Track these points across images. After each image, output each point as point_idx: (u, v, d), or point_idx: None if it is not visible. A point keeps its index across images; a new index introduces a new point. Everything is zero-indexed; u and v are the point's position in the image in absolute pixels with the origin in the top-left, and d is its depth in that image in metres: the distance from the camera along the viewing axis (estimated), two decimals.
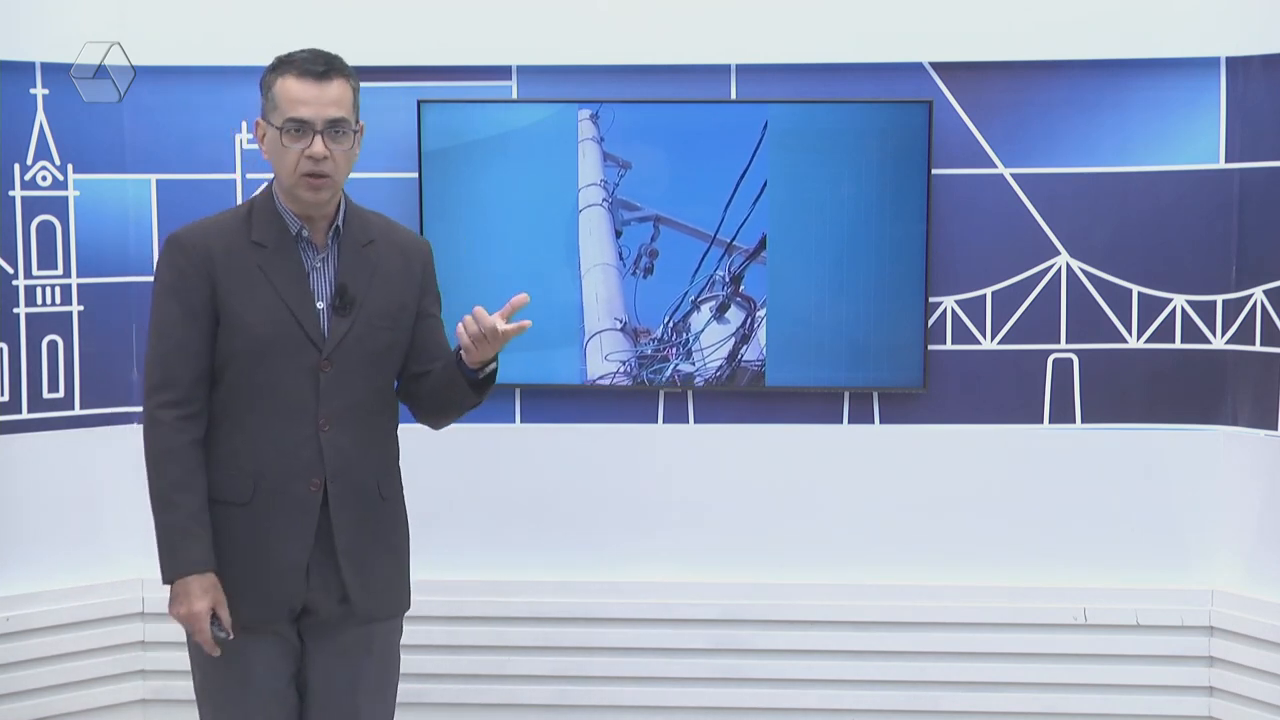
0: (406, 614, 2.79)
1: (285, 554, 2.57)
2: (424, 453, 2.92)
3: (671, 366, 3.93)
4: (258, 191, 2.68)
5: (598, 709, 3.97)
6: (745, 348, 3.91)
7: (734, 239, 3.87)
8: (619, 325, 3.89)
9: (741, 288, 3.90)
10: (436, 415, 2.75)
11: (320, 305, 2.59)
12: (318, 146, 2.53)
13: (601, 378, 3.92)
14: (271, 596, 2.58)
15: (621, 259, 3.89)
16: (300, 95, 2.53)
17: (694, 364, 3.92)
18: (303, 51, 2.58)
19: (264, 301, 2.56)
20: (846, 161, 3.85)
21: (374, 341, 2.62)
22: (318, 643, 2.64)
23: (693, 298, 3.91)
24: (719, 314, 3.91)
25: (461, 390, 2.62)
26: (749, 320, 3.90)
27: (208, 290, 2.56)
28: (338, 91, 2.55)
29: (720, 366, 3.93)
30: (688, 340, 3.92)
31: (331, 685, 2.65)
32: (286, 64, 2.57)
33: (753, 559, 3.98)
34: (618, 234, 3.89)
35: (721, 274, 3.89)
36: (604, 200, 3.87)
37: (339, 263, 2.62)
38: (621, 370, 3.92)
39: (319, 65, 2.55)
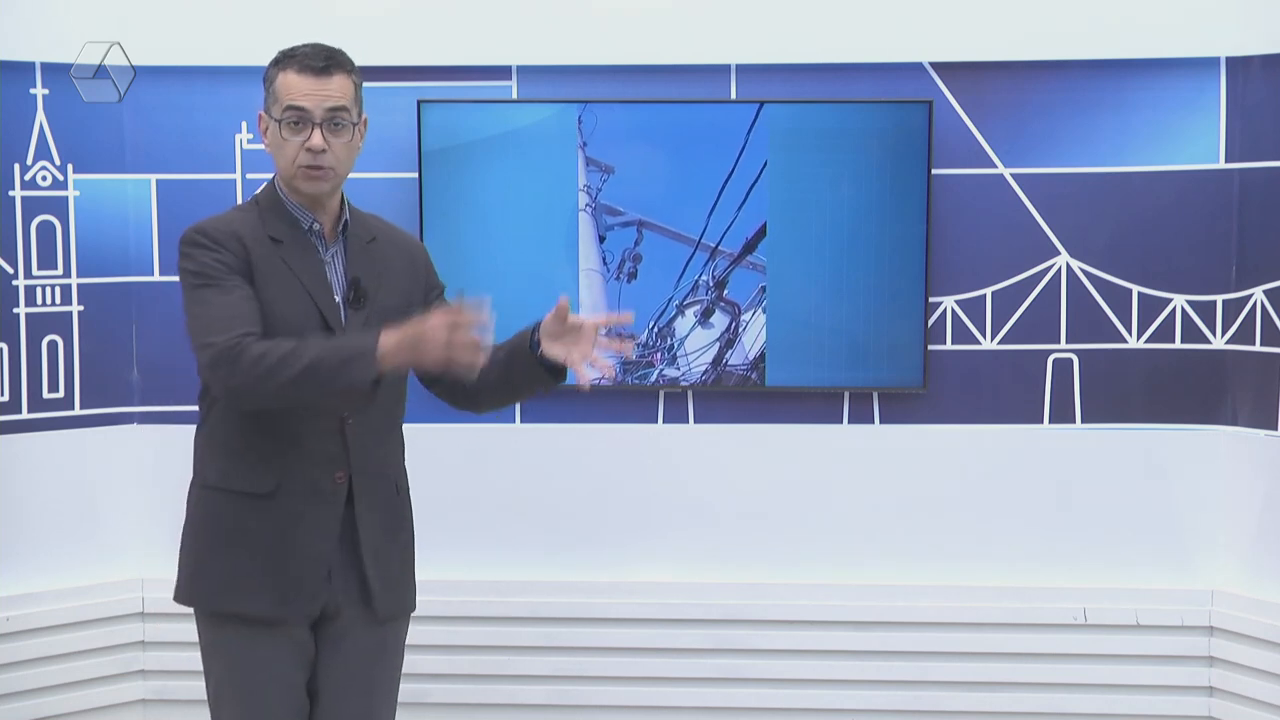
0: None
1: (309, 546, 2.55)
2: (424, 453, 2.91)
3: (657, 372, 3.93)
4: (260, 189, 2.67)
5: (598, 709, 3.97)
6: (730, 352, 3.92)
7: (719, 243, 3.87)
8: (603, 331, 3.89)
9: (725, 292, 3.90)
10: (492, 402, 2.71)
11: (336, 299, 2.60)
12: (316, 139, 2.53)
13: (595, 383, 3.92)
14: (294, 591, 2.56)
15: (605, 264, 3.89)
16: (300, 87, 2.53)
17: (679, 369, 3.93)
18: (305, 46, 2.58)
19: (291, 294, 2.55)
20: (846, 162, 3.85)
21: None
22: (333, 646, 2.62)
23: (677, 303, 3.91)
24: (703, 319, 3.91)
25: (536, 377, 2.60)
26: (733, 325, 3.91)
27: (248, 276, 2.52)
28: (338, 85, 2.55)
29: (705, 371, 3.93)
30: (673, 345, 3.92)
31: (346, 689, 2.64)
32: (288, 58, 2.57)
33: (753, 559, 3.98)
34: (601, 239, 3.89)
35: (705, 279, 3.90)
36: (587, 205, 3.88)
37: (347, 257, 2.63)
38: (604, 377, 3.91)
39: (319, 60, 2.55)
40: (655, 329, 3.91)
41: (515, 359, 2.60)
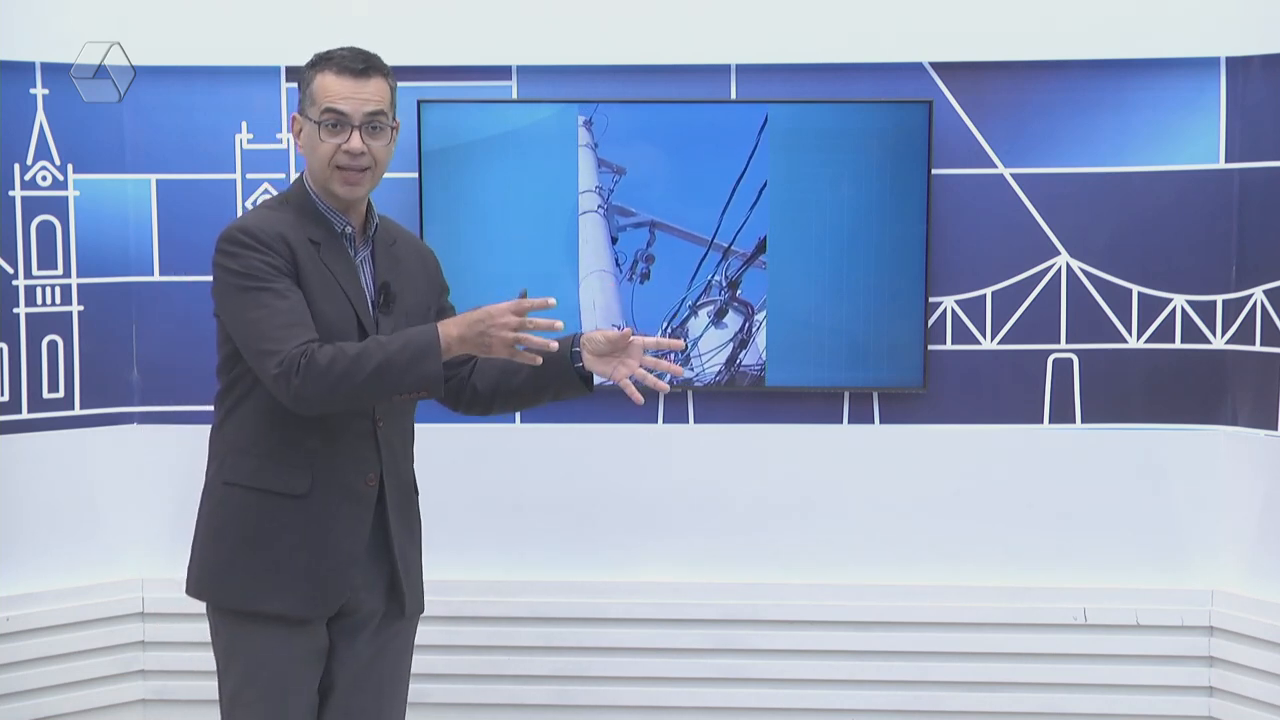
0: None
1: (340, 547, 2.56)
2: (425, 452, 2.91)
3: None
4: (289, 189, 2.66)
5: (598, 709, 3.97)
6: (744, 352, 3.92)
7: (731, 243, 3.87)
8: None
9: (739, 292, 3.90)
10: (504, 406, 2.77)
11: (369, 302, 2.61)
12: (354, 142, 2.54)
13: (598, 384, 3.92)
14: (322, 590, 2.56)
15: (618, 265, 3.89)
16: (339, 90, 2.54)
17: (693, 369, 3.92)
18: (343, 49, 2.58)
19: (331, 297, 2.55)
20: (846, 161, 3.85)
21: None
22: (348, 642, 2.63)
23: (690, 303, 3.91)
24: (717, 319, 3.91)
25: (570, 386, 2.69)
26: (747, 325, 3.91)
27: (295, 279, 2.52)
28: (376, 89, 2.56)
29: (719, 371, 3.93)
30: (686, 345, 3.92)
31: (360, 686, 2.65)
32: (326, 60, 2.57)
33: (753, 559, 3.98)
34: (614, 240, 3.89)
35: (719, 279, 3.90)
36: (599, 207, 3.88)
37: (375, 261, 2.64)
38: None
39: (358, 63, 2.55)
40: (669, 330, 3.91)
41: (549, 366, 2.62)
